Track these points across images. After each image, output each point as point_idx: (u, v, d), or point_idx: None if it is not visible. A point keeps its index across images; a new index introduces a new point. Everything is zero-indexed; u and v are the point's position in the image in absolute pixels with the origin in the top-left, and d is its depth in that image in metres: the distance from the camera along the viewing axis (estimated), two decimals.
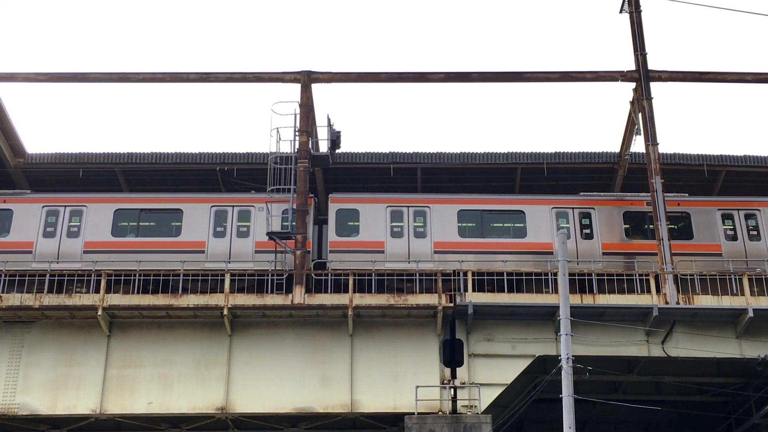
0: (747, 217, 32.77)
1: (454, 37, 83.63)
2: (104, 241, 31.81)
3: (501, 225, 32.60)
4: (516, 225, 32.43)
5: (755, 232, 32.47)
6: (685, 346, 28.42)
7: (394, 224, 32.03)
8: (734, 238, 32.48)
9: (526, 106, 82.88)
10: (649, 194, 31.72)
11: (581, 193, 33.71)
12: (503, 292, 29.28)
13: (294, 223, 30.61)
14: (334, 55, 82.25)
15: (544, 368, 28.35)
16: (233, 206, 32.43)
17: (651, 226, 31.89)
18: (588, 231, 32.23)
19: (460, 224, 32.43)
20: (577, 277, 29.24)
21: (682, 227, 32.54)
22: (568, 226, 32.06)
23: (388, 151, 35.43)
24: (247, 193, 33.50)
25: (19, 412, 27.64)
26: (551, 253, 31.12)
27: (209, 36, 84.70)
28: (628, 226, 32.69)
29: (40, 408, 27.72)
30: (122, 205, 32.57)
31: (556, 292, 26.83)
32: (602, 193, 33.98)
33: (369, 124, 77.15)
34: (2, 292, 28.86)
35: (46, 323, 28.66)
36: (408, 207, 32.45)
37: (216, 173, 35.41)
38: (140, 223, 32.24)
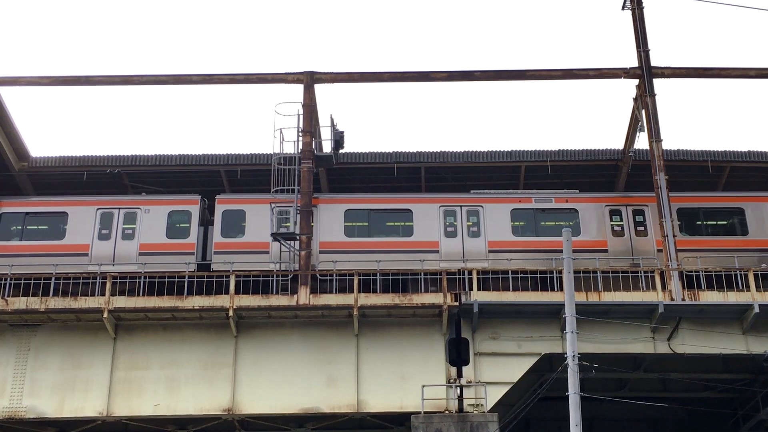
0: (635, 213, 32.55)
1: (457, 36, 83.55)
2: None
3: (392, 224, 32.53)
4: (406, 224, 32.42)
5: (642, 228, 32.29)
6: (691, 343, 28.40)
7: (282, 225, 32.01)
8: (621, 233, 32.34)
9: (529, 104, 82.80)
10: (539, 191, 32.64)
11: (472, 191, 33.61)
12: (508, 290, 29.31)
13: (297, 224, 30.56)
14: (337, 56, 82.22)
15: (550, 366, 28.33)
16: (119, 209, 32.40)
17: (543, 223, 32.07)
18: (475, 229, 32.09)
19: (347, 224, 32.31)
20: (582, 275, 29.19)
21: (572, 224, 32.19)
22: (456, 223, 32.08)
23: (391, 151, 35.38)
24: (138, 195, 33.73)
25: (27, 416, 27.72)
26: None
27: (211, 38, 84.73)
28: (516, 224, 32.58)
29: (47, 411, 27.78)
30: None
31: (561, 289, 26.83)
32: (492, 191, 33.72)
33: (372, 124, 77.10)
34: (9, 296, 28.91)
35: (52, 326, 28.71)
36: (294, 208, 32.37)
37: (220, 174, 35.40)
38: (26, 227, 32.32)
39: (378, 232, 32.28)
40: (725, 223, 32.96)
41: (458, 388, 27.84)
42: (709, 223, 32.88)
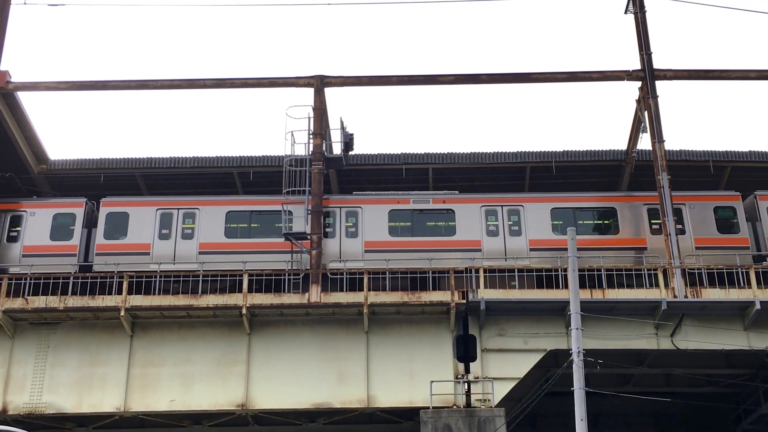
0: (510, 213, 32.38)
1: (463, 40, 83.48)
2: None
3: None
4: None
5: (516, 228, 32.15)
6: (693, 339, 28.30)
7: (162, 228, 31.97)
8: (495, 233, 32.16)
9: (534, 106, 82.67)
10: (418, 192, 32.88)
11: (354, 193, 33.57)
12: (514, 288, 29.31)
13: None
14: (346, 60, 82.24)
15: (555, 362, 28.31)
16: (4, 212, 32.44)
17: (422, 224, 32.16)
18: (353, 230, 32.02)
19: (227, 225, 32.22)
20: (587, 273, 29.17)
21: (447, 225, 32.21)
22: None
23: (400, 152, 35.40)
24: (27, 198, 33.77)
25: (46, 411, 27.81)
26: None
27: (224, 44, 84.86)
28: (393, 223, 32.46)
29: (66, 407, 27.88)
30: None
31: (565, 287, 26.82)
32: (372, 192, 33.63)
33: (381, 126, 77.11)
34: (29, 295, 29.03)
35: (70, 324, 28.81)
36: (178, 209, 32.40)
37: (233, 176, 35.46)
38: None
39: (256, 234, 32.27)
40: (599, 222, 32.73)
41: (466, 384, 27.84)
42: (584, 222, 32.54)
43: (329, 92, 33.10)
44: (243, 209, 32.63)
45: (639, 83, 33.09)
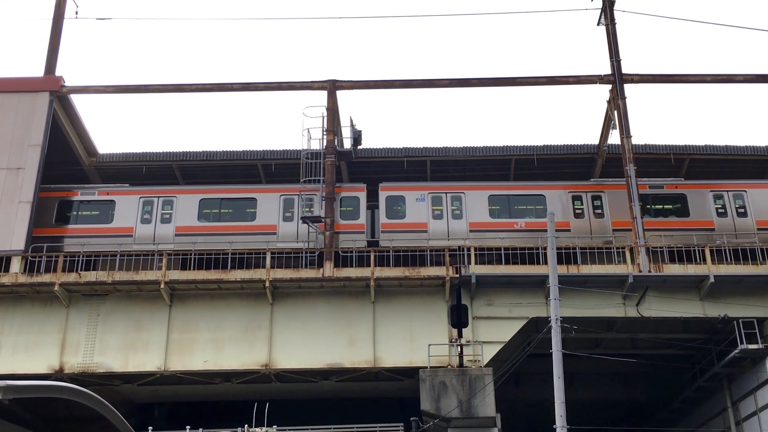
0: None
1: (457, 49, 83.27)
2: None
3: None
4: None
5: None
6: (656, 308, 28.38)
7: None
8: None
9: (519, 106, 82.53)
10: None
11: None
12: (501, 264, 29.33)
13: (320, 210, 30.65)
14: (355, 66, 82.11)
15: (536, 328, 28.37)
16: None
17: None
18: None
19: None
20: (563, 251, 29.17)
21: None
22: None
23: (401, 147, 35.32)
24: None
25: (97, 370, 28.02)
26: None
27: (248, 52, 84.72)
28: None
29: (114, 366, 28.06)
30: None
31: (545, 263, 26.85)
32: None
33: (385, 124, 77.08)
34: (81, 270, 29.15)
35: (117, 296, 28.93)
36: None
37: (257, 167, 35.46)
38: None
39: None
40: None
41: (459, 347, 27.91)
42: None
43: (340, 94, 33.06)
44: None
45: (609, 86, 32.97)
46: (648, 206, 31.76)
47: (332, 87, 32.77)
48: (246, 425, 24.80)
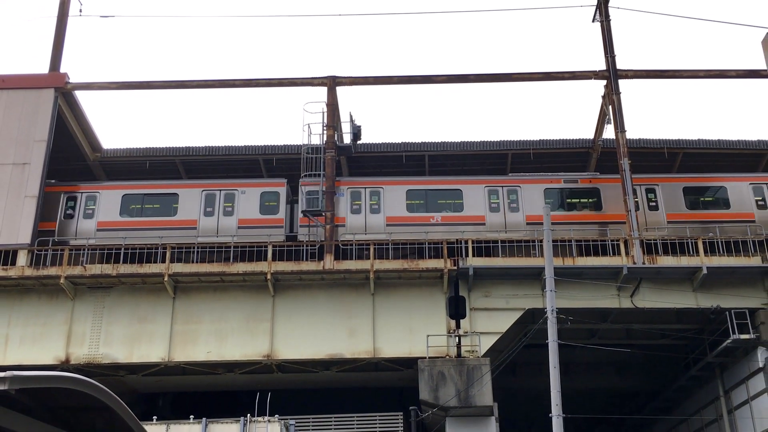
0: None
1: (455, 45, 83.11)
2: None
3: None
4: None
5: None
6: (650, 299, 28.35)
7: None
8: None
9: (515, 101, 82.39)
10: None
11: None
12: (498, 256, 29.30)
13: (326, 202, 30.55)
14: (355, 62, 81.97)
15: (532, 319, 28.35)
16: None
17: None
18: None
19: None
20: (559, 243, 29.14)
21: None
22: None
23: (400, 141, 35.27)
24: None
25: (103, 361, 28.00)
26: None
27: (249, 49, 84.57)
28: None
29: (119, 357, 28.05)
30: None
31: (542, 256, 26.80)
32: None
33: (384, 119, 76.98)
34: (87, 263, 29.11)
35: (122, 288, 28.90)
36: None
37: (259, 162, 35.41)
38: None
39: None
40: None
41: (457, 337, 27.89)
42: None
43: (340, 90, 32.99)
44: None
45: (604, 81, 32.90)
46: (565, 200, 31.69)
47: (332, 83, 32.68)
48: (248, 415, 24.77)
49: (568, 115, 78.50)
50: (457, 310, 28.41)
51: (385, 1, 73.54)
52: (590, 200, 31.91)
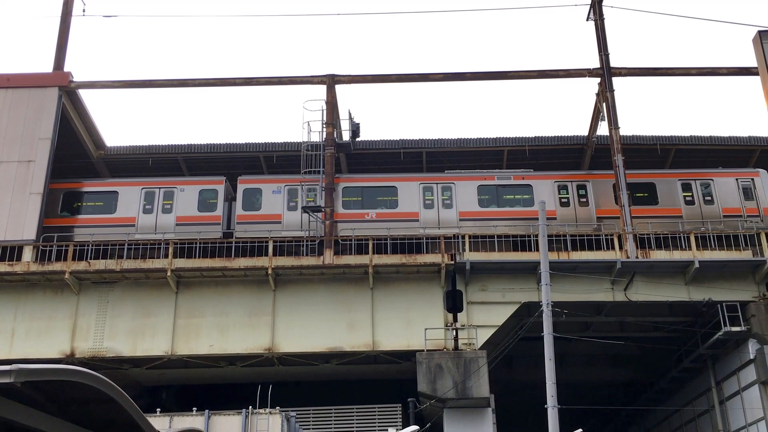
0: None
1: (451, 44, 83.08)
2: None
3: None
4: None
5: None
6: (643, 292, 28.43)
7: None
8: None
9: (511, 99, 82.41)
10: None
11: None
12: (494, 251, 29.37)
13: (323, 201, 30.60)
14: (354, 61, 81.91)
15: (528, 312, 28.43)
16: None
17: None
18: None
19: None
20: (554, 238, 29.19)
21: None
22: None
23: (398, 138, 35.34)
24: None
25: (107, 355, 28.08)
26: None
27: (249, 48, 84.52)
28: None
29: (123, 351, 28.12)
30: None
31: (537, 250, 26.86)
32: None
33: (382, 117, 77.04)
34: (91, 258, 29.16)
35: (126, 283, 28.96)
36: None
37: (259, 159, 35.43)
38: None
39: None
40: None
41: (454, 331, 27.97)
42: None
43: (339, 89, 33.01)
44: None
45: (598, 79, 32.94)
46: (500, 197, 31.76)
47: (331, 81, 32.70)
48: (250, 407, 24.85)
49: (563, 113, 78.55)
50: (454, 303, 28.48)
51: (383, 0, 73.51)
52: (524, 197, 31.92)
